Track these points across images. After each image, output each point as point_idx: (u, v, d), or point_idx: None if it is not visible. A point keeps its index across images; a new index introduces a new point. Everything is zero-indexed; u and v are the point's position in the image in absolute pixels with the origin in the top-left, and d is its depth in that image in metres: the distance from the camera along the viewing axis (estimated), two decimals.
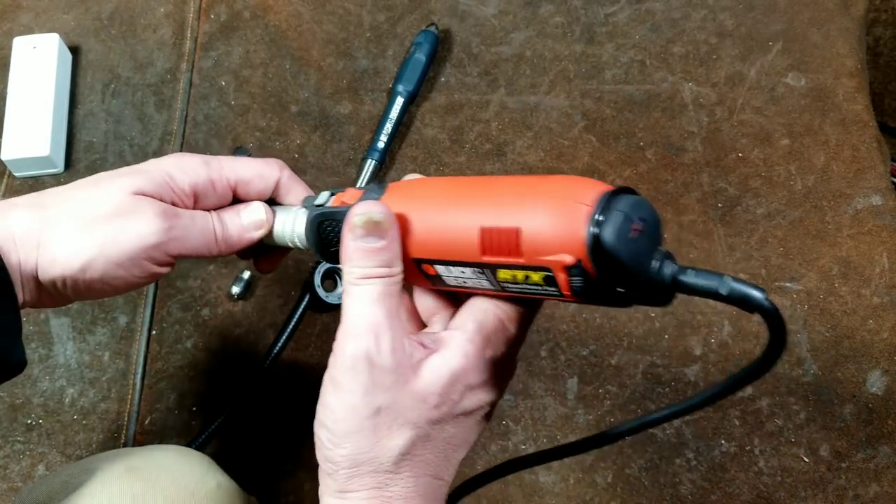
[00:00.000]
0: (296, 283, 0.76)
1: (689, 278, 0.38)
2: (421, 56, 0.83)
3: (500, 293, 0.41)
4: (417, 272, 0.43)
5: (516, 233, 0.38)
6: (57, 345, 0.74)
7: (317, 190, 0.51)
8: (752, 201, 0.79)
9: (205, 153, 0.81)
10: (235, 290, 0.75)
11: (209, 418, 0.71)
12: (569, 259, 0.37)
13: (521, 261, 0.38)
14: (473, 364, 0.41)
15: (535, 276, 0.38)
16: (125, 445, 0.71)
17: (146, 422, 0.72)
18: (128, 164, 0.81)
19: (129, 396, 0.72)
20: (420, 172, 0.81)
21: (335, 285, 0.75)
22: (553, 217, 0.38)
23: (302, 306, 0.74)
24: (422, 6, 0.89)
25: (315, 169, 0.81)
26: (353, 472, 0.39)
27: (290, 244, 0.50)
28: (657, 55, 0.86)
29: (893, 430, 0.71)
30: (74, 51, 0.87)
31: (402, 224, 0.42)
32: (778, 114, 0.83)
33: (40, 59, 0.83)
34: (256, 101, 0.84)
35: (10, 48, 0.84)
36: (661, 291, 0.38)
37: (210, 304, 0.76)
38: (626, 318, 0.75)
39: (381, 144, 0.80)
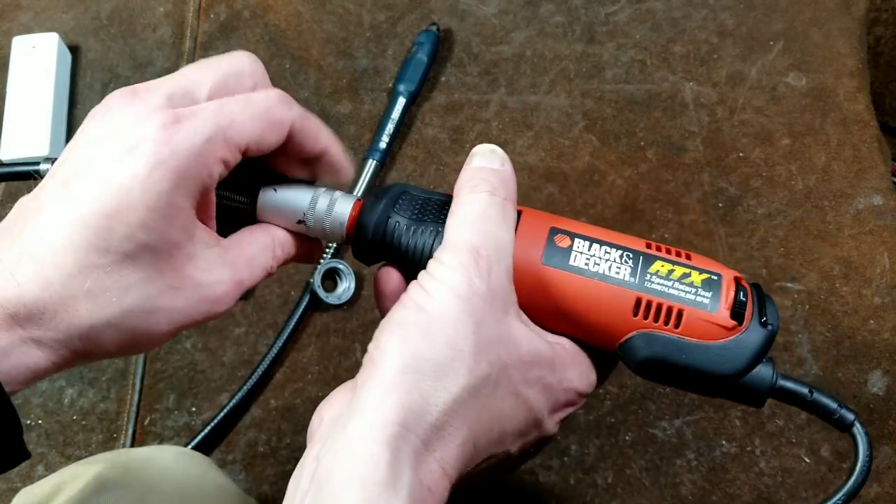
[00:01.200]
0: (296, 283, 0.76)
1: (790, 383, 0.40)
2: (423, 56, 0.83)
3: (631, 290, 0.38)
4: (542, 241, 0.39)
5: (686, 252, 0.39)
6: None
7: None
8: (753, 201, 0.79)
9: None
10: None
11: (209, 418, 0.71)
12: (736, 273, 0.38)
13: (688, 261, 0.38)
14: (554, 361, 0.38)
15: (697, 278, 0.38)
16: (124, 446, 0.71)
17: (146, 422, 0.72)
18: None
19: (129, 396, 0.72)
20: (420, 172, 0.81)
21: (335, 285, 0.75)
22: (713, 260, 0.40)
23: (302, 306, 0.74)
24: (422, 6, 0.89)
25: None
26: (400, 373, 0.34)
27: (304, 221, 0.42)
28: (658, 55, 0.86)
29: (894, 430, 0.71)
30: (74, 50, 0.87)
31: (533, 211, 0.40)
32: (779, 113, 0.83)
33: (39, 58, 0.83)
34: None
35: (9, 48, 0.84)
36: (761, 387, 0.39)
37: None
38: None
39: (382, 145, 0.80)
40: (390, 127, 0.81)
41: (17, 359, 0.33)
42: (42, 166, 0.42)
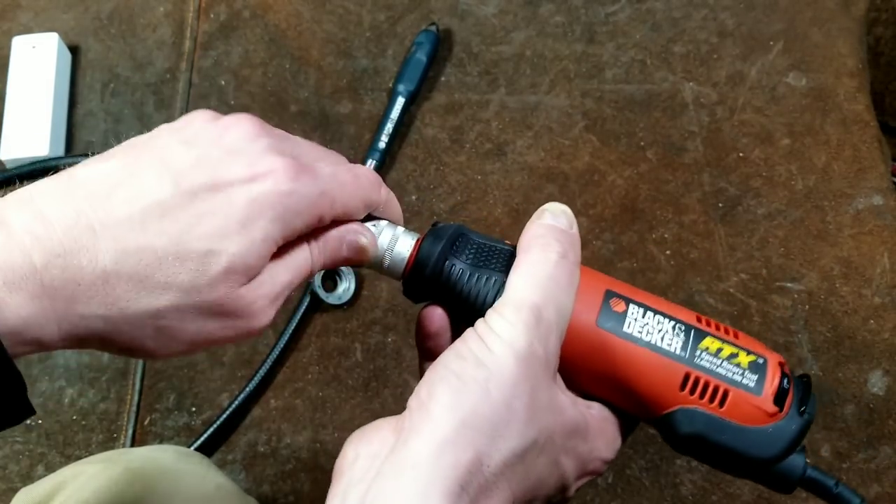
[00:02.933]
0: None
1: (818, 474, 0.40)
2: (422, 56, 0.83)
3: (680, 364, 0.38)
4: (597, 304, 0.39)
5: (733, 330, 0.39)
6: None
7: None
8: (753, 201, 0.79)
9: None
10: None
11: (209, 418, 0.71)
12: (782, 359, 0.39)
13: (736, 341, 0.39)
14: (585, 430, 0.38)
15: (744, 359, 0.38)
16: (124, 446, 0.71)
17: (146, 422, 0.72)
18: None
19: (129, 396, 0.72)
20: (420, 172, 0.81)
21: (335, 286, 0.75)
22: (759, 341, 0.40)
23: (303, 308, 0.74)
24: (422, 6, 0.89)
25: None
26: (457, 432, 0.33)
27: (372, 258, 0.41)
28: (658, 55, 0.86)
29: (894, 430, 0.70)
30: (74, 50, 0.87)
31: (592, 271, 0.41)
32: (779, 113, 0.83)
33: (39, 58, 0.83)
34: (256, 100, 0.84)
35: (9, 48, 0.84)
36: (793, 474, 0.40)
37: None
38: None
39: (381, 144, 0.80)
40: (389, 127, 0.81)
41: (12, 311, 0.32)
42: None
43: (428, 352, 0.40)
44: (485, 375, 0.34)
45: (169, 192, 0.33)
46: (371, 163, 0.79)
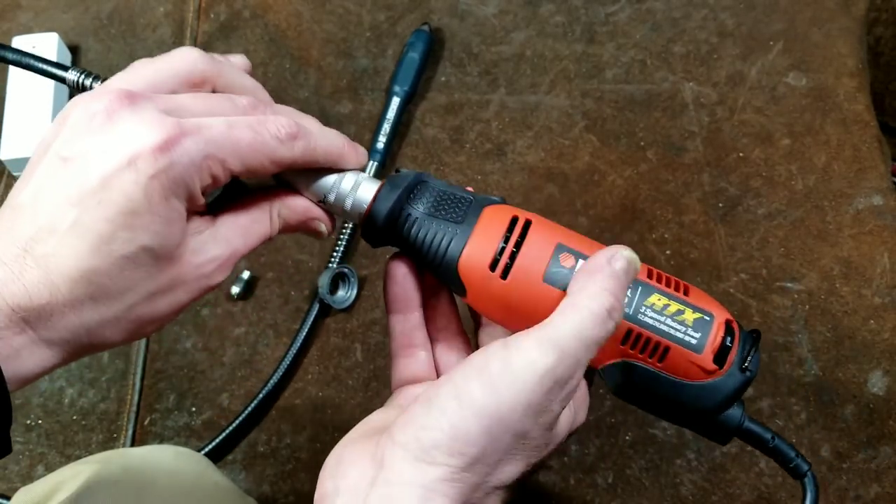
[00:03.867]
0: (295, 284, 0.76)
1: (756, 426, 0.42)
2: (414, 55, 0.83)
3: (624, 321, 0.38)
4: (546, 258, 0.39)
5: (685, 284, 0.40)
6: None
7: None
8: (753, 201, 0.79)
9: None
10: (235, 290, 0.75)
11: (209, 418, 0.71)
12: (729, 316, 0.39)
13: (685, 298, 0.39)
14: (574, 424, 0.40)
15: (689, 316, 0.38)
16: (124, 446, 0.71)
17: (146, 422, 0.72)
18: None
19: (129, 397, 0.72)
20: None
21: (336, 289, 0.75)
22: (713, 298, 0.40)
23: (312, 315, 0.73)
24: (422, 5, 0.89)
25: None
26: (446, 479, 0.34)
27: (333, 202, 0.42)
28: (658, 55, 0.86)
29: (894, 430, 0.70)
30: (74, 50, 0.87)
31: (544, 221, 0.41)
32: (779, 113, 0.83)
33: None
34: None
35: None
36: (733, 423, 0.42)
37: (209, 304, 0.76)
38: None
39: (380, 145, 0.80)
40: (386, 127, 0.81)
41: (26, 358, 0.34)
42: (70, 75, 0.44)
43: (395, 298, 0.42)
44: (485, 426, 0.34)
45: (61, 206, 0.34)
46: (372, 164, 0.79)
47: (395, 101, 0.82)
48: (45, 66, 0.44)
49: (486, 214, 0.40)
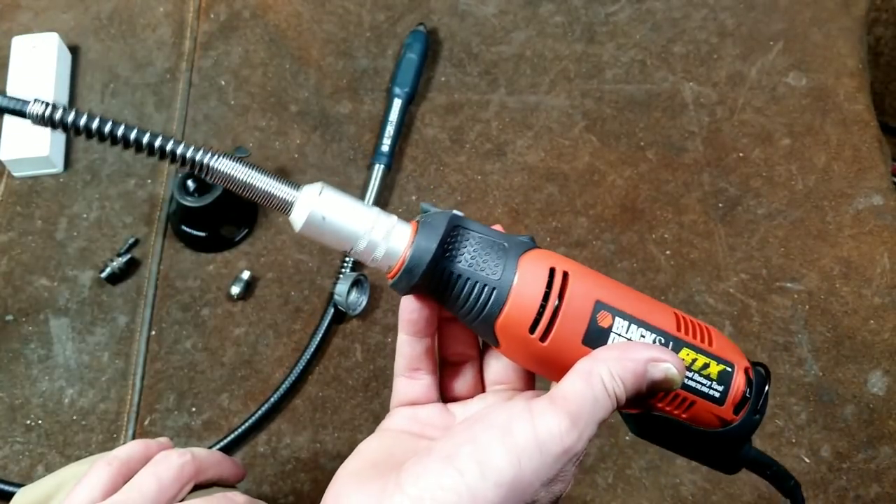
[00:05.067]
0: (295, 284, 0.76)
1: (759, 455, 0.42)
2: (412, 55, 0.83)
3: None
4: (585, 318, 0.38)
5: (708, 330, 0.40)
6: (56, 345, 0.74)
7: None
8: (753, 201, 0.79)
9: None
10: (235, 290, 0.75)
11: (209, 418, 0.71)
12: (747, 363, 0.40)
13: (710, 349, 0.39)
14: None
15: (714, 370, 0.39)
16: None
17: (146, 422, 0.71)
18: (126, 163, 0.81)
19: (129, 397, 0.72)
20: (420, 172, 0.81)
21: (350, 295, 0.74)
22: (728, 338, 0.41)
23: (326, 321, 0.73)
24: (422, 6, 0.89)
25: (315, 169, 0.81)
26: None
27: (363, 250, 0.38)
28: (658, 55, 0.86)
29: (894, 430, 0.70)
30: (74, 50, 0.87)
31: (584, 270, 0.39)
32: (779, 113, 0.83)
33: (39, 58, 0.83)
34: (256, 100, 0.84)
35: (9, 48, 0.84)
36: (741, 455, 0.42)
37: (209, 305, 0.76)
38: None
39: (385, 148, 0.80)
40: (390, 129, 0.81)
41: None
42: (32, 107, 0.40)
43: (409, 322, 0.41)
44: (504, 494, 0.34)
45: None
46: (380, 167, 0.79)
47: (397, 103, 0.82)
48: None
49: (524, 266, 0.38)
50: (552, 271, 0.38)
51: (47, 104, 0.39)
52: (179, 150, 0.38)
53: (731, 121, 0.83)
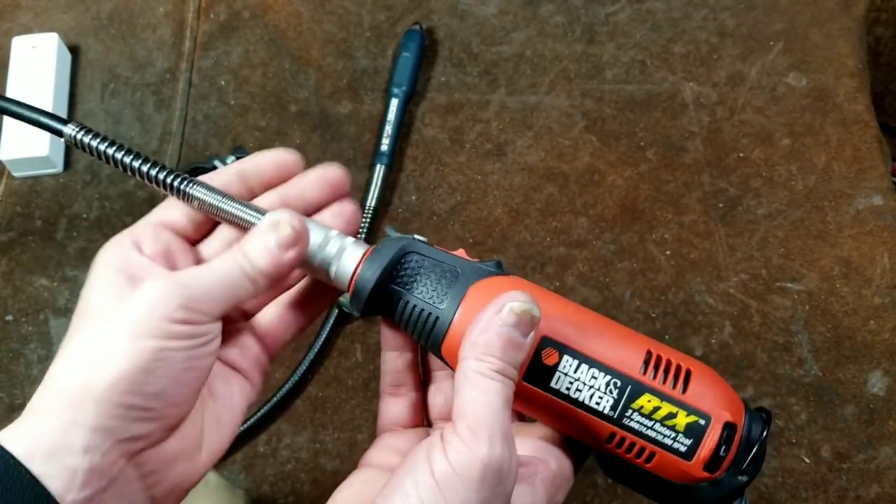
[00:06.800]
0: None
1: None
2: (408, 54, 0.83)
3: (607, 424, 0.37)
4: (528, 355, 0.36)
5: (688, 371, 0.37)
6: (56, 345, 0.74)
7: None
8: (753, 201, 0.79)
9: (204, 153, 0.82)
10: None
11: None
12: (729, 416, 0.36)
13: (680, 397, 0.36)
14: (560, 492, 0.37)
15: (681, 420, 0.36)
16: None
17: None
18: None
19: None
20: (420, 172, 0.81)
21: None
22: (721, 381, 0.37)
23: (330, 324, 0.73)
24: (422, 6, 0.89)
25: None
26: None
27: (312, 264, 0.40)
28: (658, 55, 0.86)
29: (894, 430, 0.70)
30: (73, 50, 0.87)
31: (542, 298, 0.37)
32: (779, 114, 0.83)
33: (39, 58, 0.83)
34: (256, 100, 0.84)
35: (8, 48, 0.84)
36: None
37: None
38: (626, 319, 0.75)
39: (384, 148, 0.80)
40: (389, 129, 0.81)
41: None
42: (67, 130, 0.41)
43: (390, 337, 0.41)
44: None
45: None
46: (381, 168, 0.79)
47: (395, 103, 0.82)
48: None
49: (471, 294, 0.37)
50: None
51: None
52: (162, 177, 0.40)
53: (731, 121, 0.83)
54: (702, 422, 0.36)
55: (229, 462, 0.70)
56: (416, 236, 0.40)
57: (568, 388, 0.36)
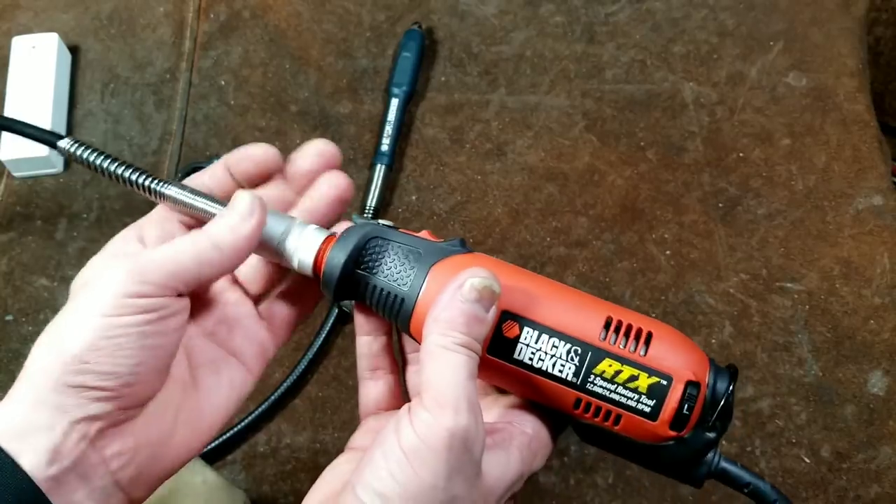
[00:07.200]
0: None
1: (732, 469, 0.40)
2: (408, 54, 0.83)
3: (571, 390, 0.38)
4: (490, 329, 0.38)
5: (648, 333, 0.38)
6: None
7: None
8: (753, 201, 0.79)
9: (205, 153, 0.82)
10: None
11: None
12: (691, 375, 0.37)
13: (641, 360, 0.37)
14: (522, 475, 0.38)
15: (643, 382, 0.37)
16: None
17: None
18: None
19: None
20: (420, 172, 0.81)
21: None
22: (685, 340, 0.38)
23: (329, 323, 0.73)
24: (422, 6, 0.89)
25: None
26: None
27: (279, 254, 0.41)
28: (658, 55, 0.86)
29: (894, 430, 0.70)
30: (73, 50, 0.87)
31: (502, 272, 0.38)
32: (779, 113, 0.83)
33: (39, 58, 0.83)
34: (256, 100, 0.84)
35: (8, 48, 0.84)
36: (705, 465, 0.40)
37: None
38: None
39: (384, 148, 0.80)
40: (389, 129, 0.81)
41: None
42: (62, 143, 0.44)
43: (363, 322, 0.43)
44: (410, 501, 0.33)
45: None
46: (381, 167, 0.79)
47: (395, 103, 0.82)
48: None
49: (433, 274, 0.39)
50: None
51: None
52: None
53: (731, 121, 0.83)
54: (663, 382, 0.37)
55: (229, 462, 0.70)
56: (382, 221, 0.41)
57: (531, 359, 0.38)
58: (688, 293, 0.76)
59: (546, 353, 0.38)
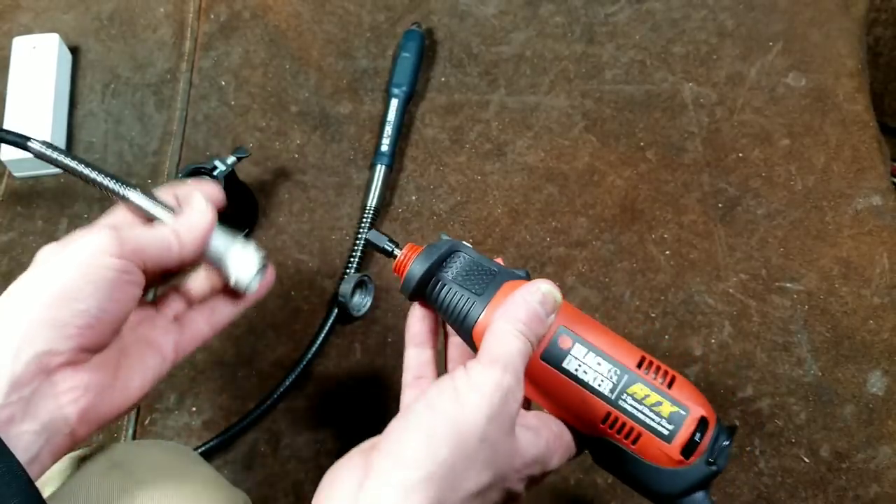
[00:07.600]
0: (296, 283, 0.76)
1: None
2: (407, 54, 0.84)
3: (605, 404, 0.43)
4: (547, 339, 0.44)
5: (672, 377, 0.44)
6: None
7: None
8: (753, 201, 0.79)
9: (205, 153, 0.82)
10: None
11: (209, 418, 0.71)
12: (704, 413, 0.43)
13: (666, 391, 0.43)
14: (544, 458, 0.43)
15: (666, 408, 0.43)
16: None
17: (146, 422, 0.72)
18: (127, 164, 0.81)
19: None
20: (420, 172, 0.81)
21: (354, 296, 0.74)
22: (700, 393, 0.44)
23: (329, 323, 0.73)
24: (421, 6, 0.89)
25: (315, 169, 0.81)
26: (425, 479, 0.37)
27: (220, 264, 0.48)
28: (657, 55, 0.86)
29: (894, 430, 0.71)
30: (74, 51, 0.87)
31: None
32: (778, 114, 0.83)
33: (40, 59, 0.83)
34: (256, 101, 0.84)
35: (9, 48, 0.84)
36: None
37: None
38: (626, 319, 0.75)
39: (385, 148, 0.80)
40: (389, 130, 0.81)
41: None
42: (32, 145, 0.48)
43: (414, 334, 0.48)
44: (454, 430, 0.38)
45: None
46: (381, 168, 0.79)
47: (395, 103, 0.82)
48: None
49: (504, 289, 0.45)
50: None
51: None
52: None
53: (730, 121, 0.83)
54: (682, 412, 0.43)
55: (229, 461, 0.70)
56: (465, 242, 0.48)
57: (576, 370, 0.44)
58: (687, 293, 0.76)
59: (590, 368, 0.44)
